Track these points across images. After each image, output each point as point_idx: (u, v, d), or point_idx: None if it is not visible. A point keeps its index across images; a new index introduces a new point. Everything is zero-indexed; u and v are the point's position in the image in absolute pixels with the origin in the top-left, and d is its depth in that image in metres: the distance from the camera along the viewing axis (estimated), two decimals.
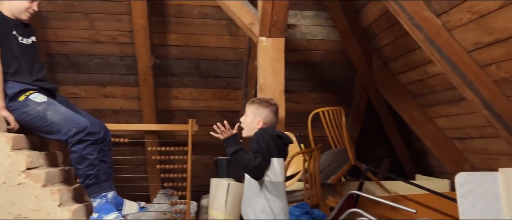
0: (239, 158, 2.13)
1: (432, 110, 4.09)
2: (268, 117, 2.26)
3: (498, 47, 2.71)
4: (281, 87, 2.73)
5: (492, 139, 3.54)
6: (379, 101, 4.67)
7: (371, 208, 3.51)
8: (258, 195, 2.14)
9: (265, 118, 2.25)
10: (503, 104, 2.97)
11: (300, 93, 4.67)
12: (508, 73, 2.80)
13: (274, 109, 2.30)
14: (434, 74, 3.64)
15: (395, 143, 5.01)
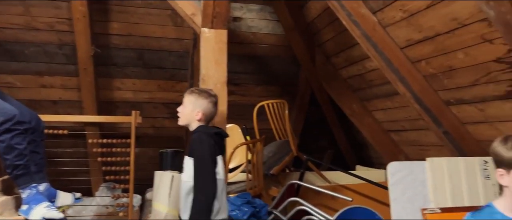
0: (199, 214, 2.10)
1: (370, 104, 4.29)
2: (207, 108, 2.26)
3: (426, 44, 2.90)
4: (223, 78, 2.73)
5: (423, 131, 3.78)
6: (322, 94, 4.83)
7: (312, 197, 3.65)
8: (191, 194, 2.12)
9: (205, 109, 2.25)
10: (431, 98, 3.18)
11: (247, 86, 4.71)
12: (436, 69, 3.01)
13: (214, 100, 2.30)
14: (371, 69, 3.82)
15: (337, 135, 5.20)
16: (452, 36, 2.66)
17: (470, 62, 2.69)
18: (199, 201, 2.08)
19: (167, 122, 4.51)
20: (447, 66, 2.88)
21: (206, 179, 2.12)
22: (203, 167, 2.12)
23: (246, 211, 2.98)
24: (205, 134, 2.20)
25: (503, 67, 2.49)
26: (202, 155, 2.15)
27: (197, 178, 2.11)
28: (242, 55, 4.53)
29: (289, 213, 3.15)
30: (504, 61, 2.45)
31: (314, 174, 4.27)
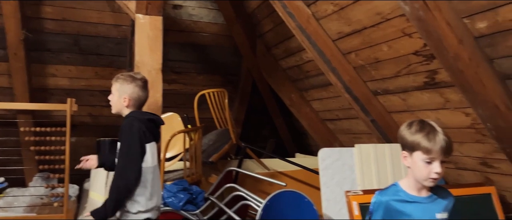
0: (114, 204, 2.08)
1: (308, 94, 4.46)
2: (134, 93, 2.17)
3: (355, 37, 3.07)
4: (158, 65, 2.73)
5: (355, 120, 4.00)
6: (264, 84, 4.94)
7: (250, 183, 3.75)
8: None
9: (131, 94, 2.17)
10: (360, 88, 3.37)
11: (189, 74, 4.72)
12: (364, 60, 3.19)
13: (140, 83, 2.20)
14: (307, 60, 3.97)
15: (278, 124, 5.35)
16: (377, 29, 2.84)
17: (393, 54, 2.88)
18: (117, 186, 2.06)
19: (105, 111, 4.41)
20: (374, 58, 3.07)
21: (128, 166, 2.09)
22: (128, 154, 2.09)
23: (182, 197, 3.02)
24: (136, 119, 2.16)
25: (421, 60, 2.71)
26: (129, 141, 2.10)
27: (121, 162, 2.09)
28: (184, 44, 4.53)
29: (225, 198, 3.22)
30: (421, 54, 2.66)
31: (254, 162, 4.38)
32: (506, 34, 2.09)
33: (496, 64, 2.25)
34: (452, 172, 3.24)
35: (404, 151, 1.73)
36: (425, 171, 1.64)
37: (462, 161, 3.08)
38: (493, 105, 2.29)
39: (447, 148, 1.63)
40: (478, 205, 2.81)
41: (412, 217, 1.66)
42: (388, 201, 1.71)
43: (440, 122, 2.92)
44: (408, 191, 1.72)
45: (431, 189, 1.72)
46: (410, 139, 1.69)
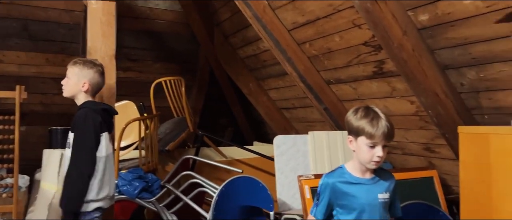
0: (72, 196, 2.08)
1: (265, 83, 4.53)
2: (93, 78, 2.20)
3: (309, 27, 3.16)
4: (111, 51, 2.68)
5: (310, 108, 4.12)
6: (222, 73, 4.96)
7: (208, 171, 3.78)
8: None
9: (91, 79, 2.19)
10: (314, 78, 3.48)
11: (144, 62, 4.65)
12: (317, 50, 3.29)
13: (100, 69, 2.24)
14: (265, 50, 4.03)
15: (236, 113, 5.40)
16: (329, 20, 2.94)
17: (344, 45, 3.00)
18: (72, 177, 2.06)
19: (57, 99, 4.27)
20: (327, 48, 3.17)
21: (83, 157, 2.09)
22: (83, 144, 2.09)
23: (137, 185, 3.01)
24: (91, 110, 2.16)
25: (370, 50, 2.83)
26: (84, 132, 2.10)
27: (75, 154, 2.08)
28: (140, 31, 4.45)
29: (182, 186, 3.24)
30: (370, 44, 2.79)
31: (212, 150, 4.42)
32: (445, 27, 2.23)
33: (436, 55, 2.41)
34: (399, 158, 3.43)
35: (349, 135, 1.83)
36: (368, 155, 1.74)
37: (407, 147, 3.26)
38: (434, 93, 2.45)
39: (389, 134, 1.73)
40: (422, 187, 3.00)
41: (356, 197, 1.77)
42: (334, 182, 1.80)
43: (388, 110, 3.09)
44: (353, 173, 1.83)
45: (374, 172, 1.83)
46: (355, 124, 1.78)
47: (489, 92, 2.31)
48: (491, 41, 2.09)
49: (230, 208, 2.81)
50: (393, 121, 3.13)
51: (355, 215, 1.77)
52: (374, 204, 1.78)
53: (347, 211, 1.79)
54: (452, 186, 3.09)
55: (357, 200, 1.77)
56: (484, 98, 2.37)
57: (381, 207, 1.79)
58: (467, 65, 2.31)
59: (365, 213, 1.77)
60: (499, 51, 2.10)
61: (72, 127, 2.18)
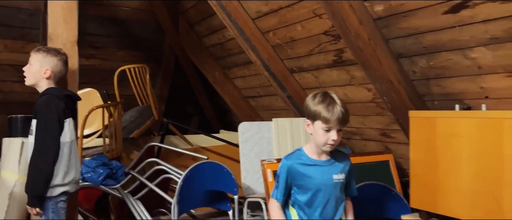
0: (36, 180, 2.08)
1: (231, 71, 4.58)
2: (56, 66, 2.20)
3: (272, 16, 3.23)
4: (73, 38, 2.65)
5: (274, 96, 4.21)
6: (187, 62, 4.96)
7: (173, 159, 3.80)
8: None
9: (54, 67, 2.19)
10: (277, 66, 3.57)
11: (108, 49, 4.59)
12: (281, 39, 3.37)
13: (64, 58, 2.25)
14: (230, 38, 4.08)
15: (202, 101, 5.42)
16: (291, 10, 3.02)
17: (306, 34, 3.09)
18: (37, 163, 2.07)
19: (17, 86, 4.16)
20: (289, 37, 3.26)
21: (47, 142, 2.10)
22: (47, 130, 2.10)
23: (101, 172, 3.01)
24: (54, 96, 2.16)
25: (330, 39, 2.94)
26: (47, 118, 2.11)
27: (39, 140, 2.08)
28: (103, 18, 4.38)
29: (147, 173, 3.26)
30: (330, 34, 2.89)
31: (177, 138, 4.44)
32: (398, 17, 2.36)
33: (391, 44, 2.54)
34: (358, 143, 3.59)
35: (307, 119, 1.92)
36: (323, 138, 1.84)
37: (366, 132, 3.41)
38: (388, 80, 2.59)
39: (343, 119, 1.84)
40: (378, 170, 3.16)
41: (312, 178, 1.87)
42: (292, 164, 1.90)
43: (347, 97, 3.22)
44: (309, 155, 1.92)
45: (330, 154, 1.93)
46: (313, 109, 1.88)
47: (438, 79, 2.47)
48: (439, 31, 2.23)
49: (195, 193, 2.87)
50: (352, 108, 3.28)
51: (310, 195, 1.87)
52: (329, 184, 1.89)
53: (303, 191, 1.89)
54: (406, 169, 3.27)
55: (313, 180, 1.87)
56: (434, 85, 2.53)
57: (336, 187, 1.90)
58: (418, 53, 2.45)
59: (320, 192, 1.87)
60: (446, 41, 2.24)
61: (34, 114, 2.18)
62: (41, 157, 2.09)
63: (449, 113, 2.09)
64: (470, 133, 1.91)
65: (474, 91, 2.33)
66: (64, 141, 2.16)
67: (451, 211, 2.01)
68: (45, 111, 2.13)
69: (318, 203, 1.88)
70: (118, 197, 3.13)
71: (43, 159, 2.09)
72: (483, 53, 2.14)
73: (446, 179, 2.02)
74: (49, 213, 2.22)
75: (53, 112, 2.12)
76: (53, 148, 2.11)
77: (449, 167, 2.00)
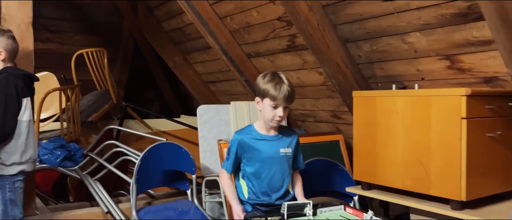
0: None
1: (190, 56, 4.65)
2: (8, 45, 2.21)
3: (229, 2, 3.33)
4: (28, 19, 2.65)
5: (233, 81, 4.32)
6: (146, 46, 4.98)
7: (133, 142, 3.86)
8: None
9: (6, 46, 2.20)
10: (235, 51, 3.68)
11: (65, 33, 4.54)
12: (238, 24, 3.48)
13: (11, 35, 2.26)
14: (189, 23, 4.14)
15: (162, 86, 5.46)
16: None
17: (262, 19, 3.22)
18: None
19: None
20: (246, 22, 3.37)
21: (5, 118, 2.14)
22: (5, 107, 2.13)
23: (59, 154, 3.03)
24: (12, 75, 2.19)
25: (283, 25, 3.08)
26: (5, 95, 2.15)
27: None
28: (60, 1, 4.32)
29: (105, 155, 3.31)
30: (283, 19, 3.03)
31: (137, 122, 4.48)
32: (344, 4, 2.53)
33: (338, 29, 2.71)
34: (312, 125, 3.78)
35: (257, 97, 2.06)
36: (271, 114, 1.99)
37: (318, 114, 3.60)
38: (336, 64, 2.77)
39: (289, 97, 1.99)
40: (329, 150, 3.35)
41: (260, 151, 2.02)
42: (242, 138, 2.04)
43: (301, 81, 3.39)
44: (259, 130, 2.07)
45: (278, 130, 2.08)
46: (262, 87, 2.02)
47: (381, 62, 2.67)
48: (380, 17, 2.42)
49: (153, 173, 2.94)
50: (305, 92, 3.45)
51: (258, 166, 2.03)
52: (276, 157, 2.04)
53: (252, 163, 2.04)
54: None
55: (261, 153, 2.02)
56: (377, 68, 2.73)
57: (283, 160, 2.06)
58: (362, 38, 2.64)
59: (267, 165, 2.03)
60: (387, 26, 2.44)
61: None
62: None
63: (386, 92, 2.29)
64: (404, 110, 2.11)
65: (412, 73, 2.55)
66: (22, 119, 2.21)
67: (387, 180, 2.22)
68: (4, 89, 2.16)
69: (266, 175, 2.03)
70: (76, 179, 3.17)
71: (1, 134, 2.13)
72: (418, 38, 2.34)
73: (383, 152, 2.22)
74: (6, 192, 2.26)
75: (12, 89, 2.16)
76: (10, 124, 2.15)
77: (386, 141, 2.21)
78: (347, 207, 1.96)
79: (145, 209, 2.83)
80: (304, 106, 3.65)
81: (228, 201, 2.26)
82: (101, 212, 2.86)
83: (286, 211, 1.84)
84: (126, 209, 2.89)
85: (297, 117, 3.86)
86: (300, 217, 1.86)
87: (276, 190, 2.05)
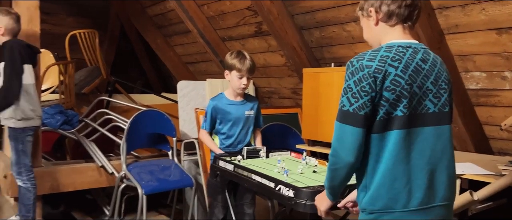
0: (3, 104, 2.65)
1: (172, 39, 5.18)
2: (9, 24, 2.68)
3: None
4: (35, 4, 3.15)
5: (210, 62, 4.89)
6: (131, 29, 5.48)
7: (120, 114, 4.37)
8: None
9: (6, 25, 2.67)
10: (211, 35, 4.25)
11: (57, 15, 4.99)
12: (214, 12, 4.05)
13: (15, 17, 2.72)
14: (170, 9, 4.67)
15: (145, 66, 5.98)
16: None
17: (233, 8, 3.79)
18: (4, 89, 2.66)
19: None
20: (220, 10, 3.95)
21: (12, 77, 2.66)
22: (13, 67, 2.65)
23: (59, 118, 3.56)
24: (16, 43, 2.71)
25: (251, 14, 3.67)
26: (12, 58, 2.66)
27: (6, 75, 2.65)
28: None
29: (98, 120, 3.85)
30: (251, 9, 3.62)
31: (123, 97, 5.00)
32: None
33: (295, 19, 3.33)
34: (276, 101, 4.41)
35: (226, 70, 2.66)
36: (237, 83, 2.60)
37: (282, 91, 4.23)
38: (293, 47, 3.39)
39: (251, 69, 2.60)
40: (289, 120, 3.99)
41: (230, 113, 2.63)
42: (216, 103, 2.64)
43: (266, 62, 4.00)
44: (228, 97, 2.68)
45: (243, 97, 2.70)
46: (230, 62, 2.62)
47: (328, 46, 3.31)
48: (325, 10, 3.04)
49: (140, 135, 3.51)
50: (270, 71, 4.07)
51: (229, 125, 2.64)
52: (242, 118, 2.66)
53: (224, 123, 2.65)
54: None
55: (231, 115, 2.63)
56: (325, 51, 3.37)
57: (247, 120, 2.68)
58: (314, 27, 3.26)
59: (235, 123, 2.64)
60: (331, 17, 3.06)
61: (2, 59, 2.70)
62: (7, 90, 2.65)
63: (327, 69, 2.93)
64: (339, 82, 2.75)
65: (351, 55, 3.17)
66: (27, 82, 2.73)
67: (324, 137, 2.87)
68: (9, 54, 2.67)
69: (234, 131, 2.65)
70: (73, 140, 3.71)
71: (8, 91, 2.65)
72: (354, 27, 2.98)
73: (324, 116, 2.87)
74: (19, 143, 2.81)
75: (17, 54, 2.66)
76: (17, 82, 2.66)
77: (325, 107, 2.85)
78: (292, 152, 2.60)
79: (133, 164, 3.40)
80: (270, 84, 4.27)
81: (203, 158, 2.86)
82: (95, 166, 3.42)
83: (246, 154, 2.47)
84: (116, 164, 3.46)
85: (264, 94, 4.48)
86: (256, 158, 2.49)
87: (241, 142, 2.67)
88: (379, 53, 1.33)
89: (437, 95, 1.37)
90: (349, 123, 1.32)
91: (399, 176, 1.31)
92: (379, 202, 1.33)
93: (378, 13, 1.41)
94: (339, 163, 1.35)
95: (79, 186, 3.35)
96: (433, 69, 1.38)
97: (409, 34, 1.43)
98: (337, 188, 1.43)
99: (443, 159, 1.36)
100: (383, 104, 1.30)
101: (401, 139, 1.30)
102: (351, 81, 1.33)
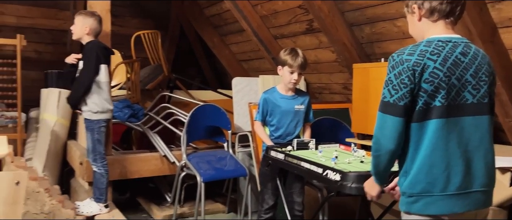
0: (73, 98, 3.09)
1: (227, 38, 5.44)
2: (93, 24, 3.06)
3: None
4: (107, 7, 3.52)
5: (262, 59, 5.08)
6: (190, 29, 5.81)
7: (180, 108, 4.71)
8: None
9: (91, 25, 3.05)
10: (265, 33, 4.43)
11: (123, 18, 5.42)
12: (267, 11, 4.23)
13: (98, 18, 3.11)
14: (226, 10, 4.91)
15: (203, 64, 6.30)
16: None
17: (285, 7, 3.95)
18: (78, 83, 3.05)
19: (49, 48, 5.01)
20: (273, 9, 4.12)
21: (87, 74, 3.03)
22: (89, 67, 3.02)
23: (126, 112, 3.92)
24: (96, 45, 3.07)
25: (302, 12, 3.80)
26: (91, 59, 3.03)
27: (82, 72, 3.03)
28: None
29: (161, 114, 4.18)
30: (303, 7, 3.75)
31: (183, 93, 5.34)
32: None
33: (345, 16, 3.41)
34: (327, 96, 4.50)
35: (278, 66, 2.83)
36: (289, 78, 2.76)
37: (332, 87, 4.33)
38: (343, 43, 3.48)
39: (302, 65, 2.75)
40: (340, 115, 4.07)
41: (280, 107, 2.80)
42: (268, 96, 2.82)
43: (317, 58, 4.12)
44: (280, 91, 2.85)
45: (295, 91, 2.85)
46: (283, 58, 2.79)
47: (378, 42, 3.36)
48: (376, 6, 3.11)
49: (198, 127, 3.79)
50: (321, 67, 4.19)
51: (278, 118, 2.81)
52: (292, 112, 2.82)
53: (274, 115, 2.82)
54: None
55: (281, 108, 2.80)
56: (376, 47, 3.42)
57: (297, 114, 2.83)
58: (364, 23, 3.33)
59: (284, 117, 2.81)
60: (381, 14, 3.12)
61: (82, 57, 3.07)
62: (80, 84, 3.03)
63: (376, 64, 3.00)
64: None
65: None
66: (102, 80, 3.08)
67: None
68: (89, 55, 3.04)
69: (283, 123, 2.82)
70: (139, 132, 4.07)
71: (82, 84, 3.02)
72: (405, 22, 3.02)
73: (373, 109, 2.93)
74: (95, 133, 3.16)
75: (94, 55, 3.03)
76: (88, 81, 3.02)
77: (375, 101, 2.92)
78: (340, 144, 2.72)
79: (192, 154, 3.68)
80: (321, 80, 4.37)
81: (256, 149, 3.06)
82: (159, 156, 3.74)
83: (296, 145, 2.62)
84: (177, 154, 3.76)
85: (315, 90, 4.59)
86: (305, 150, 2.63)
87: (290, 134, 2.83)
88: (418, 48, 1.43)
89: (476, 86, 1.44)
90: (389, 113, 1.44)
91: (437, 162, 1.40)
92: (418, 186, 1.43)
93: (421, 10, 1.51)
94: (380, 150, 1.47)
95: (144, 174, 3.68)
96: (473, 62, 1.45)
97: (451, 29, 1.51)
98: (382, 173, 1.55)
99: (481, 148, 1.43)
100: (422, 95, 1.40)
101: (439, 128, 1.40)
102: (392, 74, 1.44)
